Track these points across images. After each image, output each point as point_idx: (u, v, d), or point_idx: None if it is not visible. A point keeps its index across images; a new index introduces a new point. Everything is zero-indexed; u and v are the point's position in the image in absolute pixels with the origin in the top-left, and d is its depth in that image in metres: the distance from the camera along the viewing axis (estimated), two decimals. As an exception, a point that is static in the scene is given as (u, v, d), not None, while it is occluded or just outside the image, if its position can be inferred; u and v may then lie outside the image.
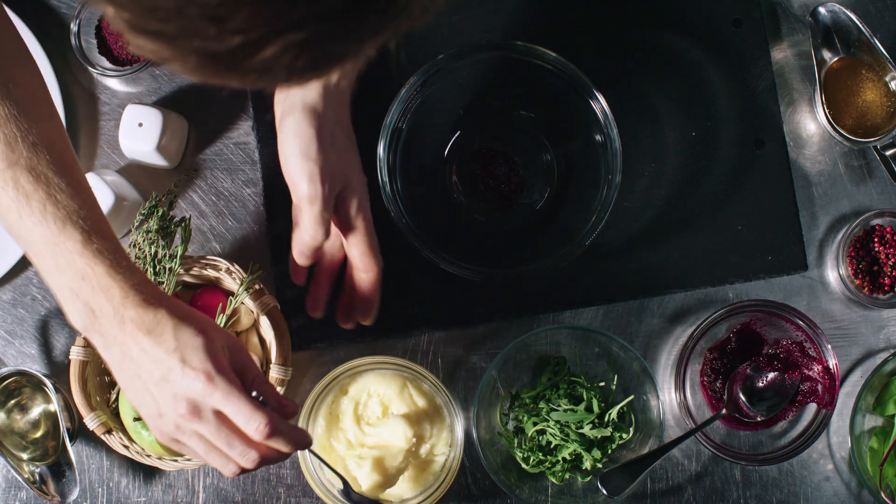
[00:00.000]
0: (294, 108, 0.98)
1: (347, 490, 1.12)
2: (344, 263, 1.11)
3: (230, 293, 1.15)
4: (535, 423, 1.17)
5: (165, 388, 0.88)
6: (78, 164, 0.92)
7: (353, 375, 1.17)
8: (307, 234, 1.02)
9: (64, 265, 0.88)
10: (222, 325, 1.13)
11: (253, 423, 0.87)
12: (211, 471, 1.20)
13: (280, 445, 0.89)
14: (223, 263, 1.15)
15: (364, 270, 1.08)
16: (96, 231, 0.89)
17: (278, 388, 1.12)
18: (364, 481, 1.15)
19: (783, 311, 1.17)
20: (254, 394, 0.89)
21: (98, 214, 0.91)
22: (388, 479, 1.15)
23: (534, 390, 1.19)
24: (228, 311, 1.13)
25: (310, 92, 0.98)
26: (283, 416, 0.91)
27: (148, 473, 1.20)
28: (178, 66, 0.55)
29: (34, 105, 0.90)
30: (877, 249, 1.21)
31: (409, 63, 1.16)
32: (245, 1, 0.49)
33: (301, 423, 1.15)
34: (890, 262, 1.21)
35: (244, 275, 1.13)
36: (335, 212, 1.04)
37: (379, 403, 1.17)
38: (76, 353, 1.12)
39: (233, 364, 0.90)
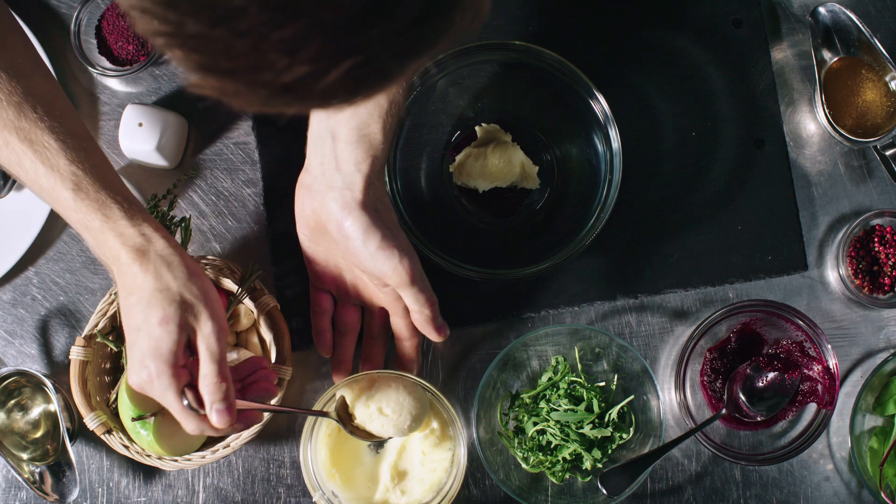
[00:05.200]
0: (350, 209, 1.03)
1: None
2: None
3: (230, 293, 1.15)
4: (535, 423, 1.17)
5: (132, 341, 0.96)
6: (70, 114, 0.95)
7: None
8: (425, 305, 1.08)
9: (67, 218, 0.97)
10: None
11: (182, 422, 0.96)
12: (211, 470, 1.20)
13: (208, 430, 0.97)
14: (223, 263, 1.15)
15: (414, 334, 1.15)
16: (88, 186, 0.93)
17: (278, 389, 1.12)
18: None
19: (783, 311, 1.17)
20: (185, 402, 0.95)
21: (93, 162, 0.94)
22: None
23: (534, 390, 1.19)
24: (228, 312, 1.13)
25: (355, 190, 1.03)
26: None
27: (148, 473, 1.20)
28: (244, 100, 0.57)
29: (16, 61, 0.93)
30: (877, 249, 1.21)
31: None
32: (318, 30, 0.51)
33: (302, 450, 1.15)
34: (890, 262, 1.21)
35: (244, 275, 1.13)
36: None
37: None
38: (76, 353, 1.12)
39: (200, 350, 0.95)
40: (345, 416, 1.12)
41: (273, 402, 1.10)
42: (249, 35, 0.51)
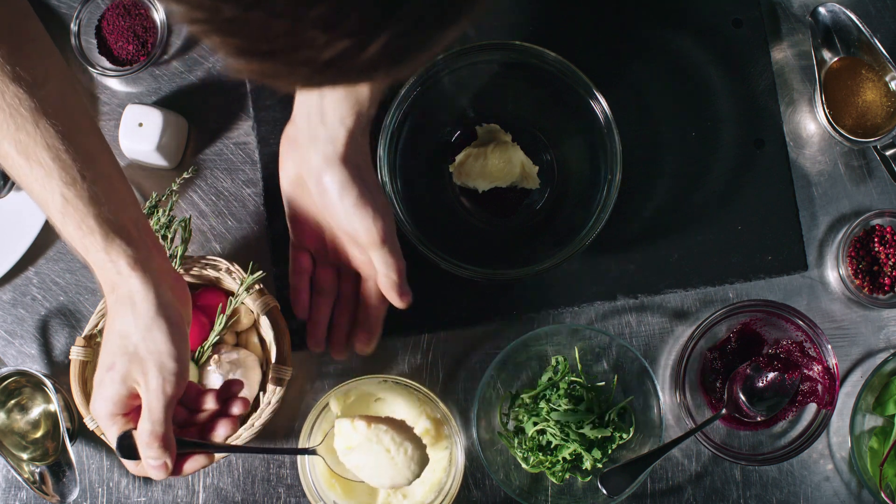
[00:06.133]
0: (330, 162, 1.02)
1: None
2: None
3: (230, 293, 1.15)
4: (535, 423, 1.17)
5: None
6: (79, 127, 0.93)
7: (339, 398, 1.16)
8: (392, 269, 1.06)
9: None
10: (222, 325, 1.13)
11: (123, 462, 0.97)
12: (211, 471, 1.20)
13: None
14: (223, 263, 1.15)
15: (381, 302, 1.13)
16: (73, 212, 0.91)
17: (278, 389, 1.12)
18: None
19: (783, 311, 1.17)
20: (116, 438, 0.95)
21: (88, 186, 0.91)
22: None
23: (534, 390, 1.19)
24: (228, 311, 1.13)
25: (337, 144, 1.02)
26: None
27: (148, 473, 1.20)
28: (285, 80, 0.57)
29: (30, 70, 0.90)
30: (877, 249, 1.21)
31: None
32: (354, 4, 0.51)
33: (300, 463, 1.15)
34: (890, 262, 1.21)
35: (244, 275, 1.13)
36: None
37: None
38: (76, 353, 1.12)
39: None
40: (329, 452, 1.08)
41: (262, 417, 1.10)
42: (285, 15, 0.51)
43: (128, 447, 0.94)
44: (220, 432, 0.99)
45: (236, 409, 1.00)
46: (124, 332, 0.93)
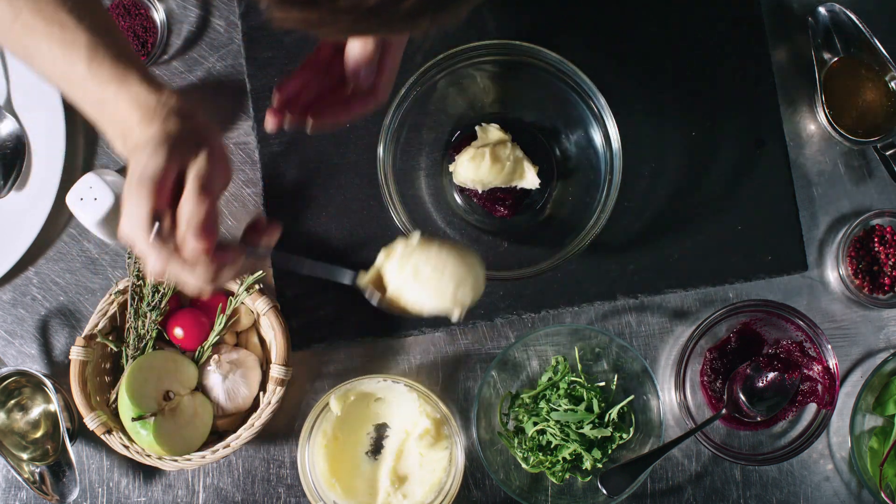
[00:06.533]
0: None
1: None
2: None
3: (230, 293, 1.15)
4: (535, 423, 1.17)
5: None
6: (95, 6, 0.88)
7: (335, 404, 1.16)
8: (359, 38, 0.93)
9: (76, 96, 0.88)
10: (222, 325, 1.13)
11: (146, 258, 0.84)
12: (211, 470, 1.20)
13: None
14: (223, 263, 1.14)
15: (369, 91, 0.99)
16: (104, 56, 0.86)
17: (278, 389, 1.12)
18: None
19: (783, 311, 1.17)
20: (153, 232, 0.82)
21: (114, 38, 0.87)
22: None
23: (534, 390, 1.19)
24: (228, 311, 1.13)
25: None
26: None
27: (148, 473, 1.20)
28: (329, 29, 0.57)
29: None
30: (877, 249, 1.21)
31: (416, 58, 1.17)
32: None
33: (300, 462, 1.15)
34: (890, 262, 1.21)
35: (244, 275, 1.13)
36: None
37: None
38: (76, 353, 1.12)
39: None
40: (378, 289, 0.94)
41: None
42: None
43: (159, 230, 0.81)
44: (264, 240, 0.90)
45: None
46: (168, 131, 0.84)
